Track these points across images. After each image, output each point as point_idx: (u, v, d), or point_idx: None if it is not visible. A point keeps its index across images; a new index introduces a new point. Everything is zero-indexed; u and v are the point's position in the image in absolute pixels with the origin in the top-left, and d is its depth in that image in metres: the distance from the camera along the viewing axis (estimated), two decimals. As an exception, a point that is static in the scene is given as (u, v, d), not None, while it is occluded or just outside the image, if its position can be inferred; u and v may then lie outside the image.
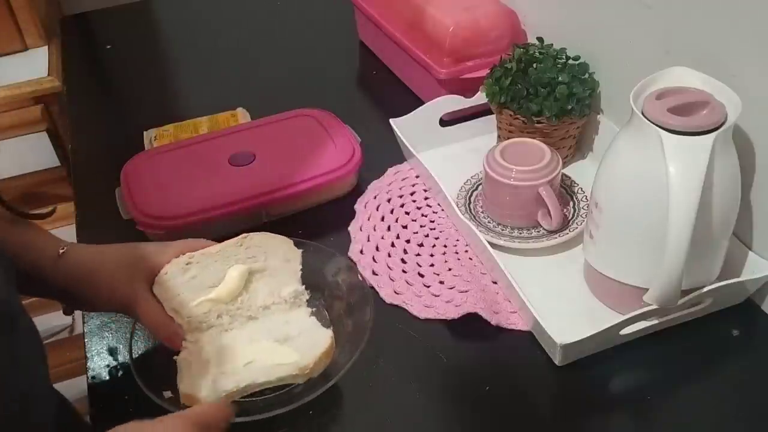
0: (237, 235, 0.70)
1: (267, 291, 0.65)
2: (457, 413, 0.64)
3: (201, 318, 0.63)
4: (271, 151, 0.87)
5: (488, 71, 0.88)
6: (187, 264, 0.66)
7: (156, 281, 0.65)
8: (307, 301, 0.66)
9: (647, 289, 0.64)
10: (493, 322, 0.70)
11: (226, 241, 0.69)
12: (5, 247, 0.57)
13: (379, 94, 1.10)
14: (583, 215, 0.80)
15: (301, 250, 0.68)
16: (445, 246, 0.80)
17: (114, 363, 0.69)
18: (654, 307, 0.64)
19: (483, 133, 0.95)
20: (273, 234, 0.70)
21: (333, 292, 0.69)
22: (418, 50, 0.98)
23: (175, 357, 0.62)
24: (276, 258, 0.67)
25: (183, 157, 0.88)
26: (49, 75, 1.24)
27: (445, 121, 0.94)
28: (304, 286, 0.66)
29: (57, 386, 0.65)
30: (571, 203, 0.83)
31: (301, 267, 0.67)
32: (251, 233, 0.70)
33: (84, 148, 1.01)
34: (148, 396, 0.58)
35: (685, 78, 0.66)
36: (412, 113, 0.91)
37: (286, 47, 1.23)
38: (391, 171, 0.91)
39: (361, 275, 0.74)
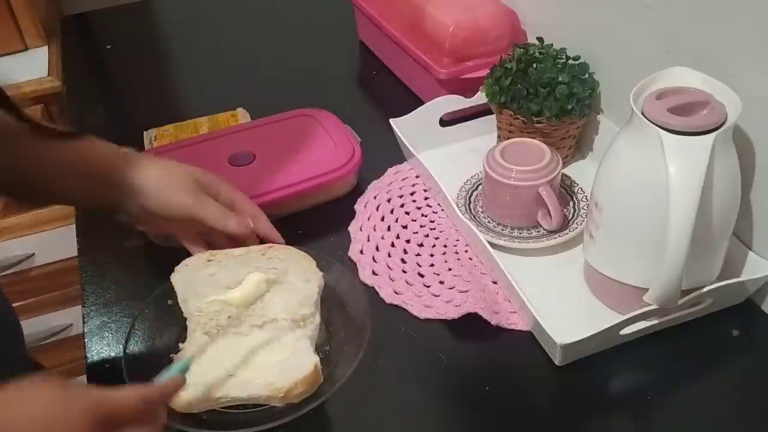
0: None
1: (280, 305, 0.64)
2: (457, 413, 0.65)
3: (211, 315, 0.63)
4: (271, 151, 0.87)
5: (488, 71, 0.88)
6: (208, 261, 0.67)
7: (175, 270, 0.66)
8: None
9: (647, 289, 0.64)
10: (493, 322, 0.70)
11: (250, 246, 0.69)
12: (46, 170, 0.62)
13: (379, 94, 1.10)
14: (583, 215, 0.80)
15: (322, 273, 0.67)
16: (445, 246, 0.80)
17: (114, 363, 0.69)
18: (654, 307, 0.64)
19: (483, 133, 0.95)
20: (298, 250, 0.69)
21: (331, 302, 0.69)
22: (418, 50, 0.98)
23: (172, 355, 0.62)
24: (296, 275, 0.67)
25: (183, 157, 0.87)
26: (49, 75, 1.24)
27: (445, 121, 0.94)
28: (316, 310, 0.65)
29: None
30: (571, 203, 0.83)
31: (320, 291, 0.66)
32: (276, 245, 0.70)
33: (84, 148, 1.01)
34: None
35: (685, 78, 0.66)
36: (412, 113, 0.91)
37: (286, 47, 1.23)
38: (391, 171, 0.91)
39: (360, 282, 0.74)
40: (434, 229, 0.83)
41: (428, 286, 0.75)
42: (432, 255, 0.79)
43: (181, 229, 0.71)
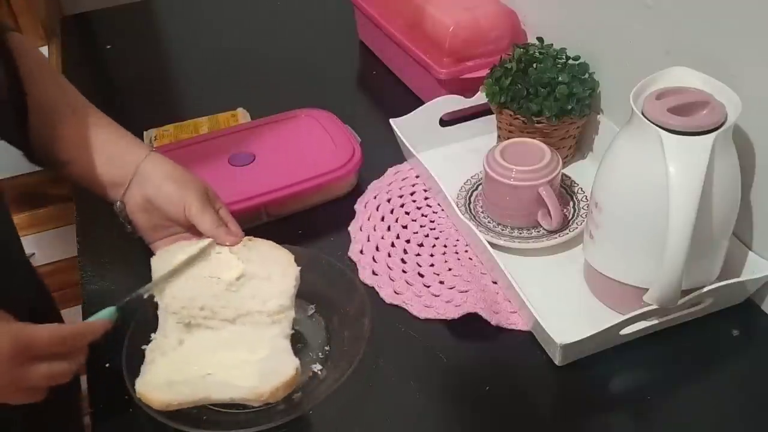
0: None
1: (255, 298, 0.64)
2: (457, 413, 0.65)
3: (183, 303, 0.63)
4: (271, 151, 0.87)
5: (488, 71, 0.88)
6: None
7: (157, 254, 0.67)
8: (312, 312, 0.66)
9: (647, 289, 0.64)
10: (493, 322, 0.70)
11: None
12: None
13: (379, 94, 1.10)
14: (583, 215, 0.80)
15: (299, 268, 0.66)
16: (445, 246, 0.80)
17: (114, 362, 0.69)
18: (654, 307, 0.64)
19: (483, 133, 0.95)
20: (277, 245, 0.69)
21: (330, 303, 0.69)
22: (418, 50, 0.98)
23: (144, 347, 0.62)
24: (274, 269, 0.66)
25: (183, 157, 0.87)
26: (49, 75, 1.24)
27: (445, 121, 0.94)
28: (292, 305, 0.64)
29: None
30: (571, 203, 0.83)
31: (296, 285, 0.65)
32: (256, 238, 0.69)
33: (84, 148, 1.01)
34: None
35: (685, 78, 0.66)
36: (412, 113, 0.91)
37: (286, 47, 1.23)
38: (391, 171, 0.91)
39: (360, 282, 0.74)
40: (434, 229, 0.83)
41: (428, 286, 0.75)
42: (432, 255, 0.79)
43: (165, 229, 0.71)
